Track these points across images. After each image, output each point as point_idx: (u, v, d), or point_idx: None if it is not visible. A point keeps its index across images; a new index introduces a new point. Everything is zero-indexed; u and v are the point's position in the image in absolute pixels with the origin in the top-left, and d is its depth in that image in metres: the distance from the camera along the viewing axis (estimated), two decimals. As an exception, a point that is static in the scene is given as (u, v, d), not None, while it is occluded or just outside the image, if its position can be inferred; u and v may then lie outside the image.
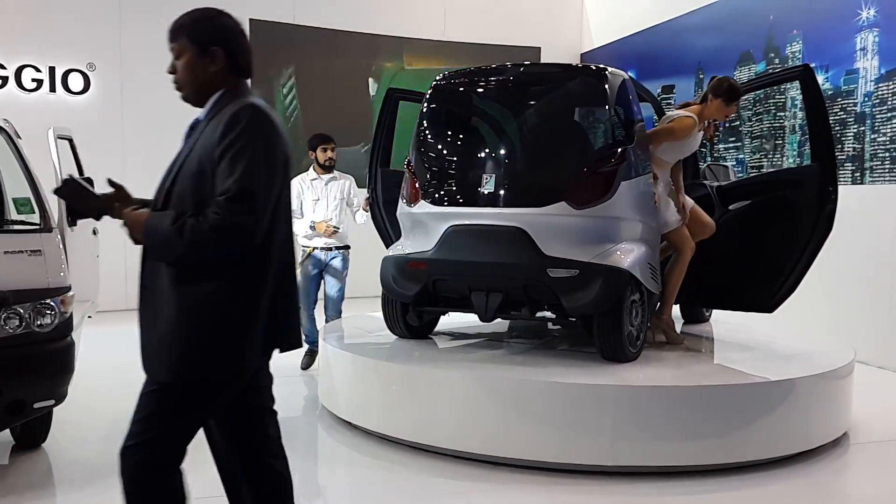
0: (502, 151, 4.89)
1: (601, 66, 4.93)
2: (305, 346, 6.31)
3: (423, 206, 4.88)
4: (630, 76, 5.13)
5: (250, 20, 10.60)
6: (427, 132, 5.09)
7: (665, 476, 4.12)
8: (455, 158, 5.02)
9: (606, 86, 4.68)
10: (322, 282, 6.52)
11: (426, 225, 4.88)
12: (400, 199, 5.15)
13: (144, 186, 10.48)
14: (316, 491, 4.13)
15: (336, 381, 5.07)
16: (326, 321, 6.35)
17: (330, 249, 6.42)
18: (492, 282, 4.71)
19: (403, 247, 5.10)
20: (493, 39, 11.65)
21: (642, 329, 4.78)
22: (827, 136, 4.82)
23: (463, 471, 4.23)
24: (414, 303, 5.07)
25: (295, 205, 6.15)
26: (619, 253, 4.53)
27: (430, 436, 4.45)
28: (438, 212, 4.80)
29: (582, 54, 12.09)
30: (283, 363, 5.91)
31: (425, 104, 5.14)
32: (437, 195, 4.85)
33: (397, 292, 5.04)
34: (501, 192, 4.64)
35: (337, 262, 6.44)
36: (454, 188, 4.85)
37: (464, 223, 4.69)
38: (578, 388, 4.20)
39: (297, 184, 6.24)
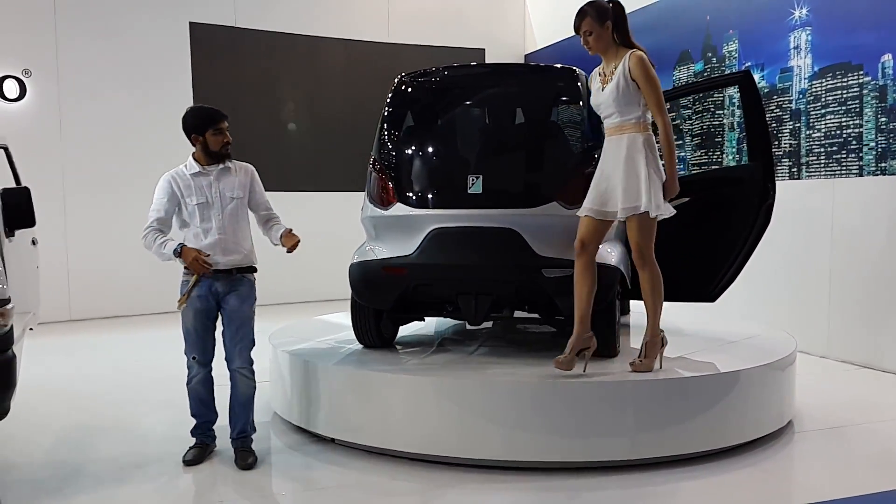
0: (485, 152, 4.84)
1: (569, 66, 4.98)
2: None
3: (400, 209, 4.71)
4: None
5: (190, 23, 10.48)
6: (397, 131, 4.96)
7: (614, 470, 4.17)
8: (434, 159, 4.90)
9: (580, 85, 4.79)
10: (217, 321, 4.46)
11: (403, 228, 4.71)
12: (365, 202, 4.97)
13: (84, 194, 10.37)
14: (270, 498, 4.09)
15: (287, 386, 5.03)
16: (232, 378, 4.40)
17: (230, 273, 4.37)
18: (482, 284, 4.63)
19: (375, 252, 4.86)
20: (437, 41, 11.69)
21: (620, 324, 4.86)
22: (765, 137, 5.05)
23: (418, 473, 4.23)
24: (391, 310, 4.95)
25: (164, 211, 4.35)
26: (607, 251, 4.60)
27: (386, 439, 4.44)
28: (419, 214, 4.65)
29: (526, 55, 12.19)
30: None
31: (392, 103, 5.01)
32: (416, 197, 4.71)
33: (373, 300, 4.88)
34: (490, 192, 4.55)
35: (236, 297, 4.37)
36: (436, 189, 4.74)
37: (450, 225, 4.59)
38: (526, 386, 4.23)
39: (167, 183, 4.39)
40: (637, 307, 5.34)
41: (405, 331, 5.62)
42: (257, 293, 4.48)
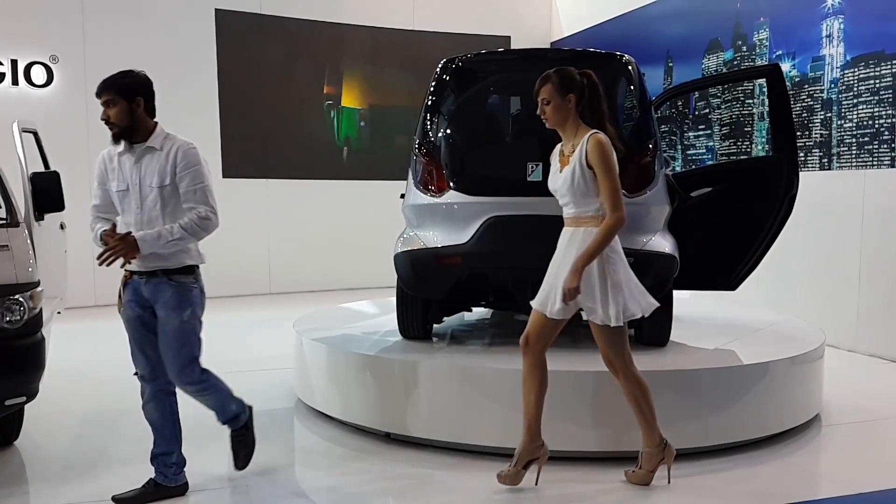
0: (544, 139, 4.78)
1: (621, 53, 4.93)
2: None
3: (454, 196, 4.58)
4: None
5: (216, 10, 10.50)
6: (445, 117, 4.85)
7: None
8: (490, 146, 4.80)
9: (634, 72, 4.77)
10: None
11: (457, 216, 4.58)
12: (413, 189, 4.79)
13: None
14: (293, 484, 4.10)
15: (311, 372, 5.04)
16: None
17: (153, 275, 3.60)
18: (541, 273, 4.60)
19: (423, 240, 4.70)
20: (463, 28, 11.63)
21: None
22: (791, 129, 5.03)
23: (439, 460, 4.23)
24: (443, 300, 4.82)
25: (98, 198, 3.81)
26: (664, 239, 4.58)
27: (407, 426, 4.44)
28: (475, 201, 4.53)
29: (551, 43, 12.10)
30: (258, 355, 5.89)
31: (437, 87, 4.87)
32: (471, 184, 4.58)
33: (424, 290, 4.75)
34: None
35: (162, 306, 3.60)
36: (494, 176, 4.66)
37: (509, 213, 4.47)
38: (556, 374, 4.20)
39: (98, 165, 3.78)
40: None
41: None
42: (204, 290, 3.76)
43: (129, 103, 3.57)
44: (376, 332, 5.24)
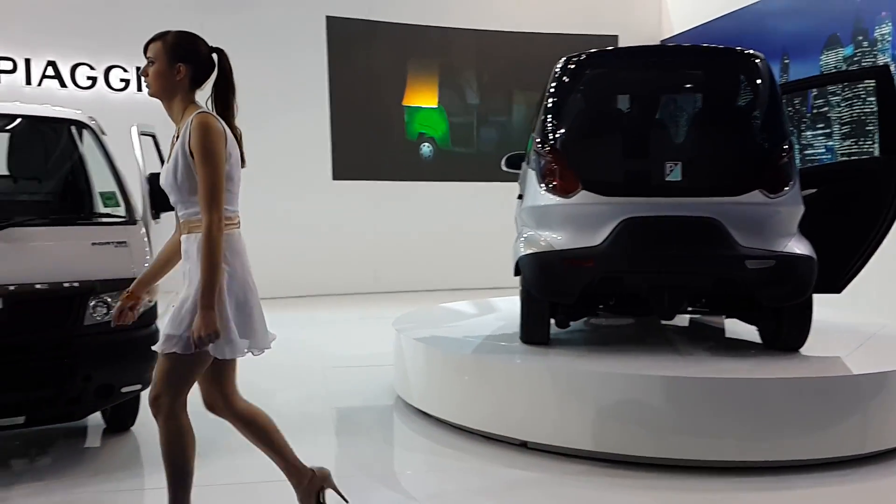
0: (681, 137, 4.69)
1: (751, 50, 4.78)
2: None
3: (586, 197, 4.43)
4: None
5: (327, 17, 10.79)
6: (570, 115, 4.74)
7: (745, 471, 4.00)
8: (625, 145, 4.71)
9: (766, 69, 4.63)
10: None
11: (589, 217, 4.42)
12: (537, 190, 4.62)
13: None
14: (392, 477, 4.17)
15: (409, 371, 5.11)
16: None
17: None
18: (679, 277, 4.43)
19: (551, 242, 4.56)
20: (569, 28, 11.54)
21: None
22: None
23: (534, 462, 4.20)
24: (574, 304, 4.72)
25: None
26: (802, 241, 4.44)
27: (503, 426, 4.43)
28: (610, 202, 4.40)
29: (661, 41, 11.85)
30: (361, 351, 5.98)
31: (559, 85, 4.72)
32: (605, 184, 4.46)
33: (555, 293, 4.64)
34: (690, 180, 4.36)
35: None
36: (631, 176, 4.57)
37: (646, 214, 4.34)
38: (653, 380, 4.11)
39: None
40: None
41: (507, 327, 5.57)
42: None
43: None
44: (476, 334, 5.25)
